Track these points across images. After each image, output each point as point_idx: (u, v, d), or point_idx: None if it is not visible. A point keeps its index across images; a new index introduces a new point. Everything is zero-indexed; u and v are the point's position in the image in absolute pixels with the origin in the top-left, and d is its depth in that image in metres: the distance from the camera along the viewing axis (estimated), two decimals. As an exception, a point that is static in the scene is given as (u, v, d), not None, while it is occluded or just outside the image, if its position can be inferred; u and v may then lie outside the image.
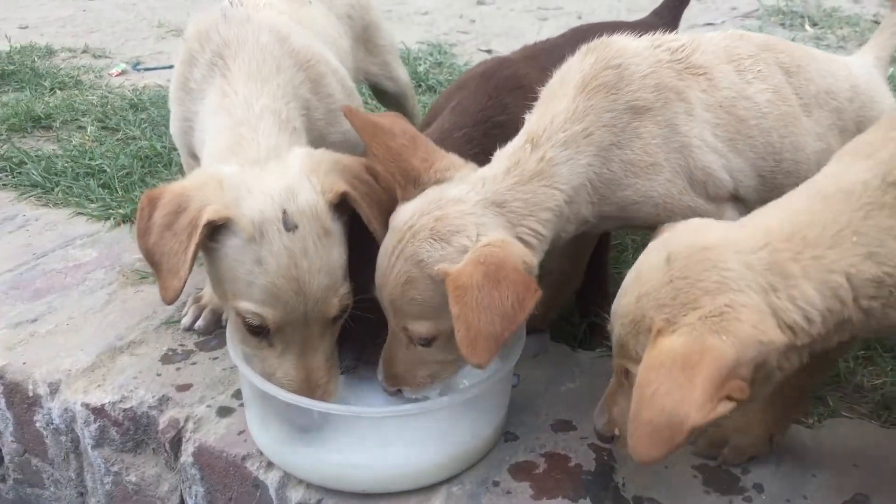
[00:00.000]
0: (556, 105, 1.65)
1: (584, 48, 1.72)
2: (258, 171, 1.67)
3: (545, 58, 2.00)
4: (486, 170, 1.63)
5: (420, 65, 4.21)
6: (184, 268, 1.58)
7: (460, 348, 1.46)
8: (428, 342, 1.60)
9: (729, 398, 1.26)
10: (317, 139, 1.93)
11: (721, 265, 1.34)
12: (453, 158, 1.67)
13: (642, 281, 1.41)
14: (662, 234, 1.51)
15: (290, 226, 1.58)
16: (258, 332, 1.64)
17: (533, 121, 1.67)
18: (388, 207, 1.69)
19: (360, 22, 2.61)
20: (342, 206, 1.67)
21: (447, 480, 1.68)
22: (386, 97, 2.91)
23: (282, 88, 1.87)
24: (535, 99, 1.72)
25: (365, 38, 2.65)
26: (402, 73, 2.88)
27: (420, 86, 3.89)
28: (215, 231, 1.60)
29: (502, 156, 1.64)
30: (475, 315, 1.44)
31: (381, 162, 1.67)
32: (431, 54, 4.48)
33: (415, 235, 1.55)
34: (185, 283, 1.60)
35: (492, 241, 1.52)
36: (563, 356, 2.05)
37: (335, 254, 1.63)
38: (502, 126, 1.86)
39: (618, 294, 1.48)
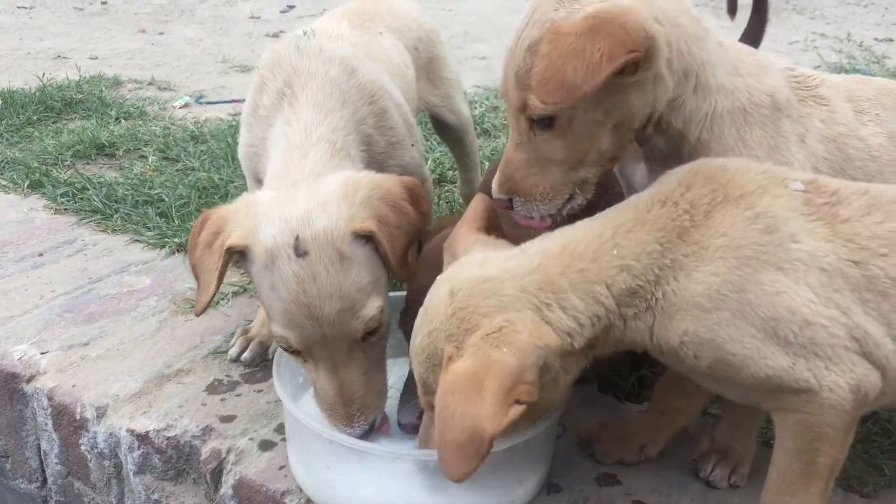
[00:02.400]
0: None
1: None
2: (290, 195, 1.70)
3: None
4: None
5: (476, 108, 4.25)
6: (212, 285, 1.69)
7: (532, 81, 1.41)
8: (548, 122, 1.51)
9: (518, 402, 1.33)
10: (376, 170, 1.94)
11: (499, 292, 1.43)
12: None
13: (430, 317, 1.48)
14: (448, 268, 1.58)
15: (300, 252, 1.62)
16: (290, 351, 1.70)
17: None
18: (420, 236, 1.77)
19: (425, 55, 2.65)
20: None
21: (487, 529, 1.64)
22: (446, 130, 2.93)
23: (344, 120, 1.91)
24: None
25: (429, 70, 2.69)
26: (464, 108, 2.90)
27: (476, 128, 3.92)
28: (245, 255, 1.68)
29: None
30: (560, 58, 1.37)
31: None
32: (488, 98, 4.51)
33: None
34: (211, 299, 1.71)
35: (618, 3, 1.43)
36: (610, 408, 2.01)
37: (351, 278, 1.65)
38: None
39: (412, 333, 1.52)
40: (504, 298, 1.42)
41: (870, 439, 1.88)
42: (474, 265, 1.52)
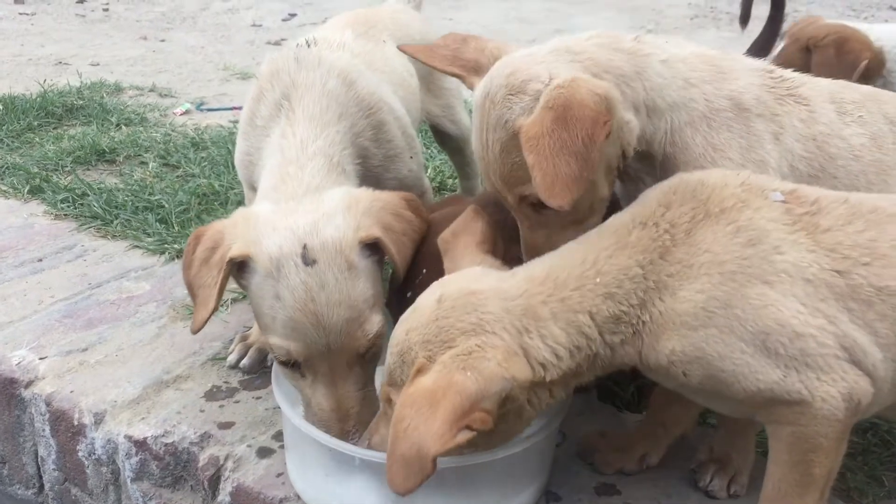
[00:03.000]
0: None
1: None
2: (292, 207, 1.70)
3: None
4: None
5: (476, 117, 4.24)
6: (212, 300, 1.67)
7: (539, 194, 1.44)
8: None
9: (469, 428, 1.33)
10: (372, 183, 1.95)
11: (482, 309, 1.43)
12: (500, 42, 1.72)
13: (415, 315, 1.48)
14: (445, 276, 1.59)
15: (308, 260, 1.61)
16: (288, 364, 1.68)
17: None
18: (424, 239, 1.77)
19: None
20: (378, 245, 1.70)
21: (485, 538, 1.64)
22: (446, 140, 2.93)
23: (340, 134, 1.91)
24: None
25: (430, 80, 2.69)
26: (465, 118, 2.90)
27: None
28: (244, 268, 1.67)
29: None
30: (549, 160, 1.43)
31: (445, 70, 1.73)
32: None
33: (493, 100, 1.55)
34: (211, 314, 1.69)
35: (561, 83, 1.48)
36: (609, 417, 2.01)
37: (359, 287, 1.65)
38: None
39: (397, 323, 1.53)
40: (485, 316, 1.42)
41: (869, 451, 1.88)
42: (470, 277, 1.52)
